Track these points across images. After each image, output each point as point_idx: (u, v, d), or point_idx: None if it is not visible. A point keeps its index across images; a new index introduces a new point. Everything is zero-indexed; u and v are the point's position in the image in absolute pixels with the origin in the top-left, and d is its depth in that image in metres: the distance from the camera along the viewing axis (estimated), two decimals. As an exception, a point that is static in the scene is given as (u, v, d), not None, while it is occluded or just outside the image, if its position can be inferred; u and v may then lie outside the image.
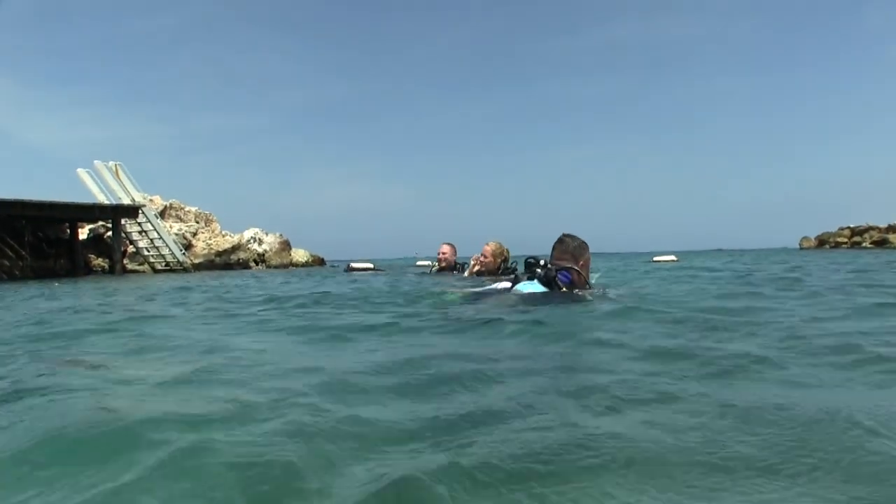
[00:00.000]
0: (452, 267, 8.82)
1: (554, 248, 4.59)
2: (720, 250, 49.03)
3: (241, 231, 29.33)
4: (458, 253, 8.98)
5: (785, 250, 35.84)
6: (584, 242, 4.62)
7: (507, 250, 7.45)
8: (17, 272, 21.49)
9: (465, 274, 7.85)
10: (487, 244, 7.59)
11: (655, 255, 21.41)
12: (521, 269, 7.73)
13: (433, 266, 9.28)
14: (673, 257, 20.80)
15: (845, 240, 46.04)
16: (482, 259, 7.43)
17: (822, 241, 47.58)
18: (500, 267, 7.34)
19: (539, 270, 4.41)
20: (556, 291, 4.31)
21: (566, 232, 4.67)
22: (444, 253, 8.88)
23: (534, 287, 4.35)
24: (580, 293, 4.33)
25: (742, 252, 30.77)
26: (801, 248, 45.69)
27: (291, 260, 30.27)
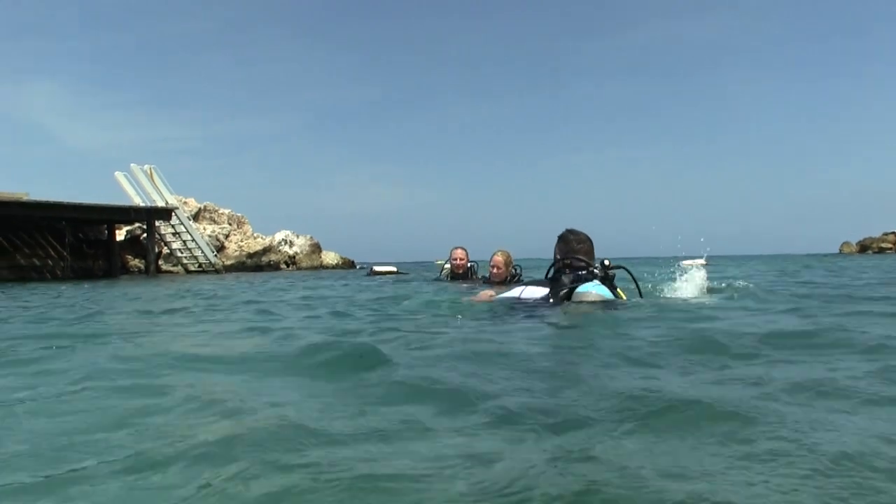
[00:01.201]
0: (466, 270, 8.65)
1: (570, 245, 4.39)
2: (748, 256, 47.75)
3: (273, 233, 29.89)
4: (471, 256, 8.87)
5: (825, 256, 34.78)
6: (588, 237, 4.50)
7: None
8: (58, 272, 22.30)
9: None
10: (497, 254, 7.58)
11: (684, 259, 21.07)
12: (520, 273, 7.73)
13: (444, 270, 9.07)
14: (702, 261, 20.46)
15: (890, 245, 44.57)
16: (494, 271, 7.41)
17: (864, 247, 46.16)
18: (508, 275, 7.33)
19: (597, 271, 4.25)
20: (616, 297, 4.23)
21: (570, 228, 4.51)
22: (460, 259, 8.69)
23: (601, 290, 4.17)
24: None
25: (770, 258, 29.87)
26: (841, 254, 44.42)
27: (321, 262, 30.69)
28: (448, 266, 8.91)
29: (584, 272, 4.26)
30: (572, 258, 4.33)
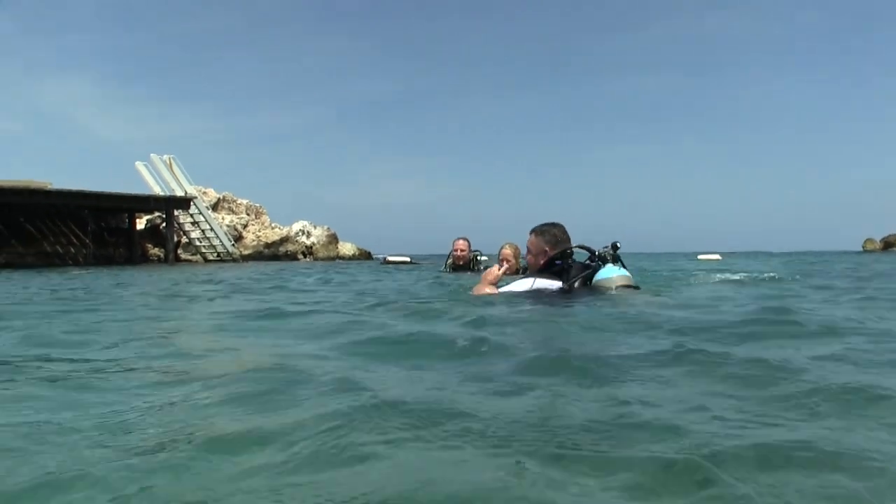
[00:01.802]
0: (469, 261, 8.48)
1: (557, 235, 4.45)
2: (767, 253, 47.02)
3: (290, 224, 30.21)
4: (487, 250, 8.71)
5: (847, 254, 34.18)
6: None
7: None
8: (80, 259, 22.79)
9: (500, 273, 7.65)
10: (506, 247, 7.58)
11: (700, 255, 20.97)
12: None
13: (448, 262, 8.79)
14: (717, 256, 20.34)
15: (915, 242, 43.74)
16: (505, 264, 7.41)
17: (888, 244, 45.32)
18: (518, 268, 7.31)
19: (608, 255, 4.35)
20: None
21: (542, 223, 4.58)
22: (462, 249, 8.51)
23: (623, 272, 4.30)
24: None
25: (790, 255, 29.38)
26: (865, 251, 43.66)
27: (338, 253, 30.94)
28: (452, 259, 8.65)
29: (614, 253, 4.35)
30: (573, 247, 4.40)
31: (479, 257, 8.55)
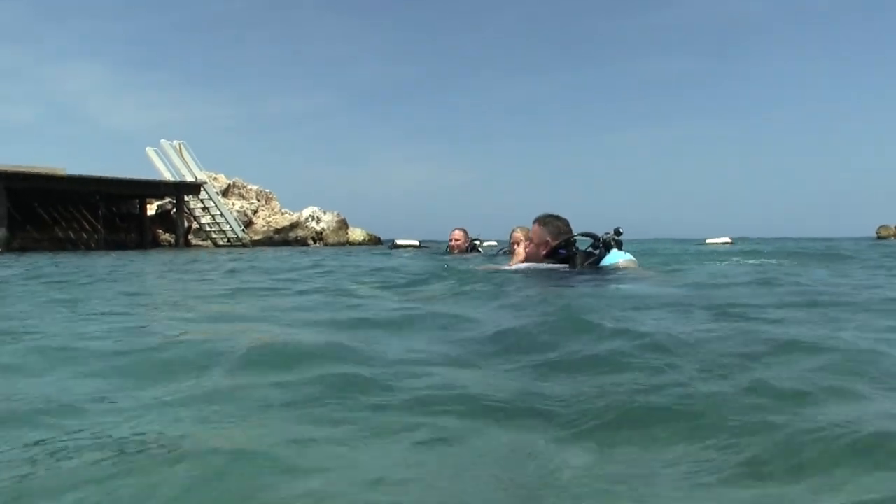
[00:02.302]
0: (465, 250, 8.59)
1: (560, 225, 4.54)
2: (782, 238, 46.48)
3: (300, 209, 30.34)
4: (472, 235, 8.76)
5: (861, 240, 33.75)
6: None
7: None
8: (92, 244, 23.09)
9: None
10: (517, 231, 7.56)
11: (708, 238, 20.82)
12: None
13: (446, 252, 8.96)
14: (727, 239, 20.18)
15: (932, 229, 43.04)
16: (516, 248, 7.39)
17: (905, 230, 44.64)
18: None
19: (617, 238, 4.44)
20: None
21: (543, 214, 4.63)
22: (457, 239, 8.68)
23: (628, 256, 4.39)
24: None
25: (804, 241, 29.06)
26: (879, 238, 43.09)
27: (348, 238, 31.05)
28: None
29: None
30: (576, 235, 4.53)
31: (478, 245, 8.69)
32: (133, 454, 0.99)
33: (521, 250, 4.81)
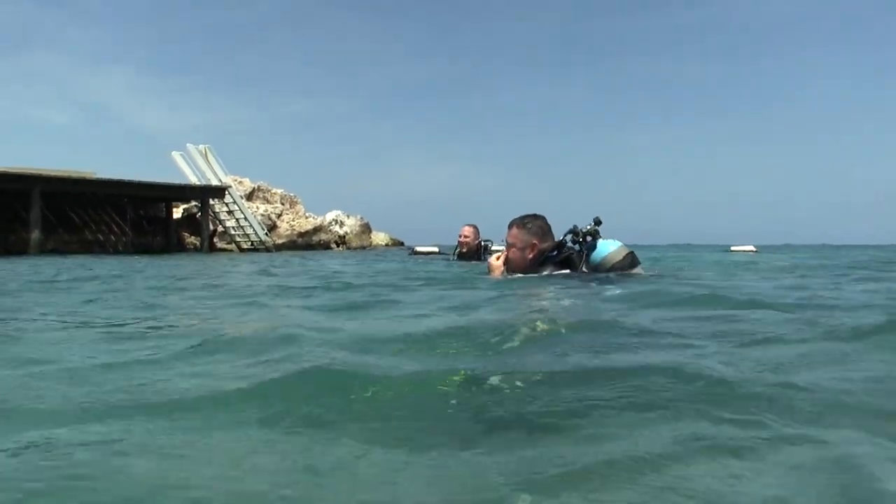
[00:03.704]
0: (475, 251, 7.99)
1: (543, 225, 4.29)
2: (806, 245, 45.34)
3: (324, 213, 30.61)
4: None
5: (889, 247, 32.87)
6: None
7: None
8: (120, 247, 23.58)
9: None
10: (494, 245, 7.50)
11: (733, 246, 20.48)
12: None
13: (455, 251, 8.34)
14: (752, 248, 19.83)
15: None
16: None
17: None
18: None
19: (597, 228, 4.23)
20: None
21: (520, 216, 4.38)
22: (466, 236, 8.03)
23: (616, 243, 4.23)
24: None
25: (829, 249, 28.30)
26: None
27: (371, 242, 31.24)
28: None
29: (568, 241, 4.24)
30: (567, 235, 4.28)
31: (490, 246, 8.01)
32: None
33: (496, 262, 4.29)
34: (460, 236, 8.16)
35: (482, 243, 8.17)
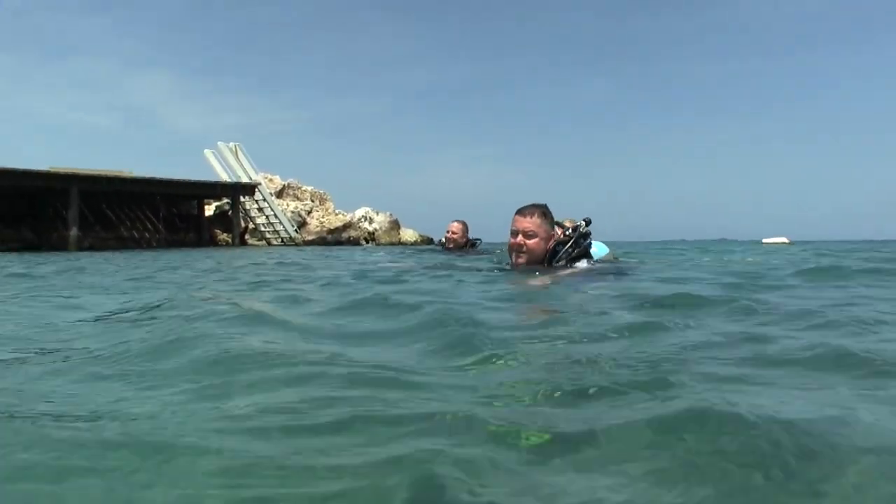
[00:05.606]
0: (462, 246, 7.79)
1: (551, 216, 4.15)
2: (846, 241, 44.00)
3: (353, 210, 30.83)
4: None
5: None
6: None
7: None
8: (154, 243, 24.13)
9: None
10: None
11: (765, 239, 20.09)
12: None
13: (440, 242, 8.19)
14: (785, 239, 19.42)
15: None
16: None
17: None
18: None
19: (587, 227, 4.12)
20: None
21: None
22: (454, 232, 7.82)
23: (606, 248, 4.30)
24: None
25: (866, 244, 27.44)
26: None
27: (400, 239, 31.36)
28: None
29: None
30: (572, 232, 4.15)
31: (478, 244, 7.93)
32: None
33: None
34: (448, 232, 7.93)
35: (470, 241, 7.97)
